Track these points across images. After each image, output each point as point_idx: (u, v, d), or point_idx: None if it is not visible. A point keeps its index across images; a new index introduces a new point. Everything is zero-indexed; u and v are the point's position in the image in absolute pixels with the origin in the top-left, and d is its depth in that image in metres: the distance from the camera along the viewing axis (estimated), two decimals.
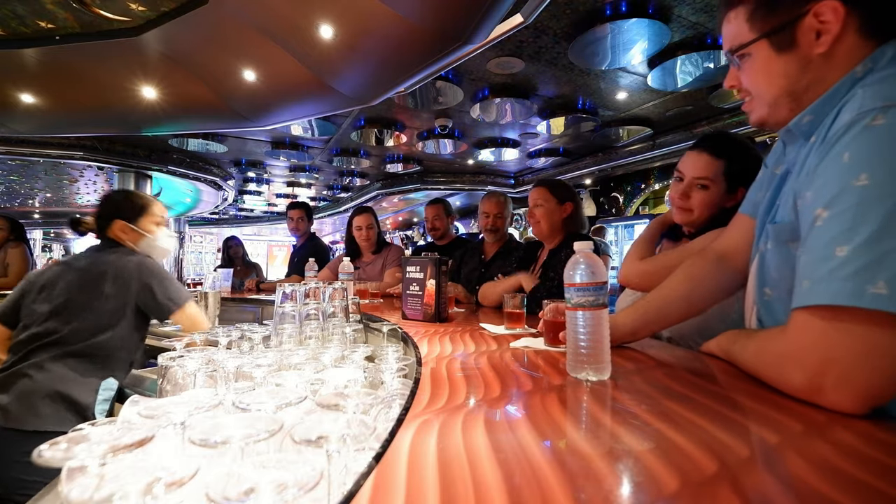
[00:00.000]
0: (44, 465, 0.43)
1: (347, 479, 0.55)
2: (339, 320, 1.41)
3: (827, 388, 0.57)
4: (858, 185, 0.56)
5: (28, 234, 3.55)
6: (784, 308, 0.66)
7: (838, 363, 0.56)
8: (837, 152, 0.60)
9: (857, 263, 0.54)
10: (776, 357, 0.67)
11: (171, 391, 0.88)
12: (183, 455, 0.57)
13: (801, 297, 0.60)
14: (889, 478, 0.42)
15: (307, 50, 2.91)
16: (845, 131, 0.60)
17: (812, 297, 0.58)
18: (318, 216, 11.97)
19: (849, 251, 0.55)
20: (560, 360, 0.93)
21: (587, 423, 0.58)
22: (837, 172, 0.59)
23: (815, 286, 0.58)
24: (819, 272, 0.58)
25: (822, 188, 0.61)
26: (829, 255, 0.56)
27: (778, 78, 0.75)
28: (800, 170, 0.73)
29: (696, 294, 0.99)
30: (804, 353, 0.60)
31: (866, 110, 0.59)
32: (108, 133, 5.35)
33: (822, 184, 0.61)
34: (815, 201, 0.61)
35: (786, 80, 0.74)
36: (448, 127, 5.26)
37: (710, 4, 3.04)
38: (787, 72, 0.74)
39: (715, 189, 1.26)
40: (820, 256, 0.58)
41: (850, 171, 0.57)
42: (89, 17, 2.71)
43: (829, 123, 0.66)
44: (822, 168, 0.62)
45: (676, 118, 5.26)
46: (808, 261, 0.60)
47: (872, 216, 0.54)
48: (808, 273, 0.60)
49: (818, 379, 0.58)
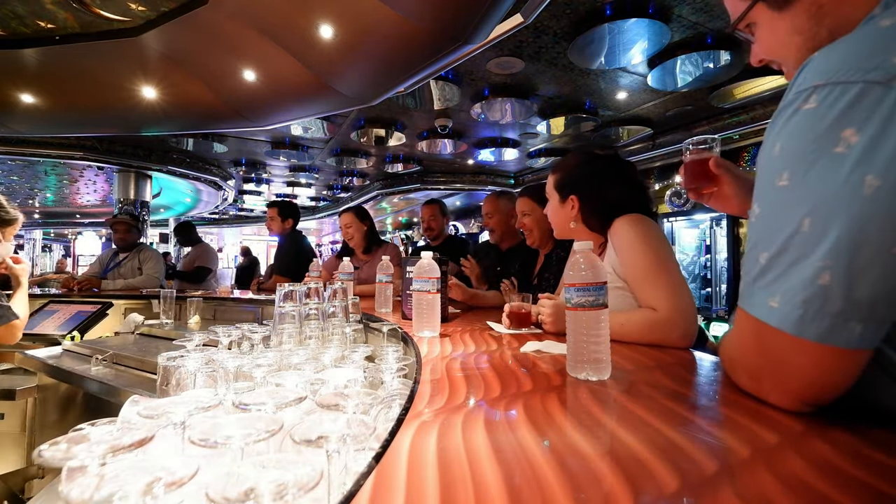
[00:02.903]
0: (44, 464, 0.43)
1: (347, 479, 0.55)
2: (339, 320, 1.41)
3: (765, 390, 0.60)
4: (780, 186, 0.52)
5: (28, 234, 3.53)
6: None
7: (764, 370, 0.59)
8: (771, 141, 0.55)
9: (770, 274, 0.53)
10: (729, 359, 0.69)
11: (170, 391, 0.88)
12: (183, 455, 0.57)
13: (740, 297, 0.60)
14: (889, 478, 0.42)
15: (307, 50, 2.91)
16: (780, 113, 0.54)
17: (741, 299, 0.58)
18: (318, 216, 11.98)
19: (767, 259, 0.53)
20: (560, 360, 0.93)
21: (587, 423, 0.58)
22: (768, 167, 0.55)
23: (743, 290, 0.58)
24: (747, 276, 0.57)
25: (759, 181, 0.57)
26: (754, 260, 0.55)
27: (791, 37, 0.66)
28: None
29: None
30: (742, 358, 0.63)
31: (802, 90, 0.51)
32: (108, 133, 5.35)
33: (759, 176, 0.57)
34: (756, 194, 0.58)
35: (800, 37, 0.65)
36: (448, 127, 5.26)
37: (710, 4, 3.04)
38: (798, 27, 0.64)
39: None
40: (749, 259, 0.57)
41: (775, 168, 0.53)
42: (89, 17, 2.71)
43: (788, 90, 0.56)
44: (760, 158, 0.58)
45: (676, 118, 5.26)
46: (745, 261, 0.59)
47: (786, 223, 0.51)
48: (743, 274, 0.59)
49: (756, 382, 0.61)
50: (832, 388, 0.53)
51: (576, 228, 1.34)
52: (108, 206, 9.43)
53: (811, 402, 0.55)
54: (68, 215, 11.99)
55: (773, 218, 0.53)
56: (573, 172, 1.35)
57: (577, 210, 1.32)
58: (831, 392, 0.53)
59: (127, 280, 3.58)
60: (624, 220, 1.22)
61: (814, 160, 0.49)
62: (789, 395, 0.56)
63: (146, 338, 2.36)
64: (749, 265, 0.57)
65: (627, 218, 1.22)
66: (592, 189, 1.30)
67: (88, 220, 12.73)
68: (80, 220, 12.67)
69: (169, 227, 10.68)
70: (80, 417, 1.67)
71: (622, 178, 1.31)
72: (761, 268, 0.54)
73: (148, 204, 6.72)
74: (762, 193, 0.56)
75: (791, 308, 0.50)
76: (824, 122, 0.48)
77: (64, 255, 16.32)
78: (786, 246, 0.51)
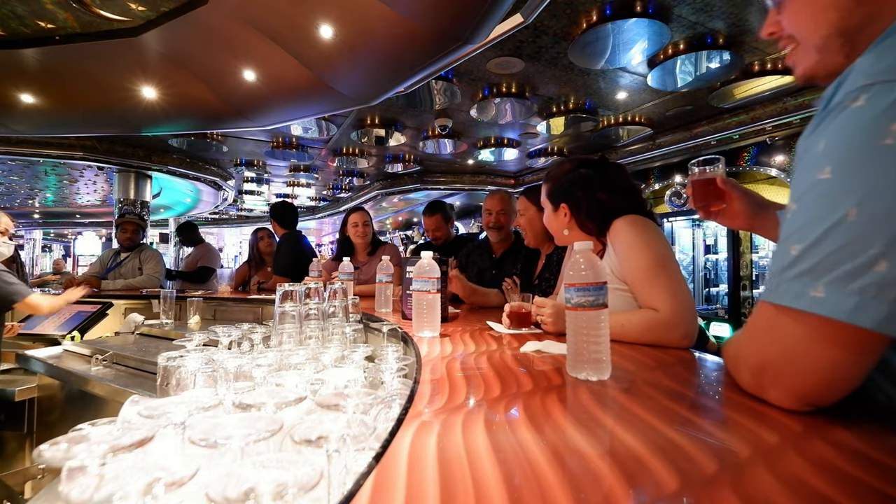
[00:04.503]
0: (44, 464, 0.43)
1: (347, 479, 0.55)
2: (339, 320, 1.41)
3: (766, 386, 0.59)
4: (821, 179, 0.51)
5: (28, 233, 3.53)
6: None
7: (773, 364, 0.57)
8: (814, 140, 0.54)
9: (804, 265, 0.52)
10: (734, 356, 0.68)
11: (170, 391, 0.88)
12: (183, 455, 0.57)
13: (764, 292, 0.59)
14: (889, 478, 0.42)
15: (307, 50, 2.91)
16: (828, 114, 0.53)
17: (766, 293, 0.58)
18: (318, 216, 11.98)
19: (800, 250, 0.52)
20: (560, 360, 0.93)
21: (587, 423, 0.58)
22: (810, 163, 0.54)
23: (770, 283, 0.57)
24: (774, 269, 0.56)
25: (796, 179, 0.57)
26: (784, 253, 0.54)
27: (826, 11, 0.61)
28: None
29: None
30: (749, 352, 0.62)
31: (851, 90, 0.50)
32: (108, 133, 5.35)
33: (798, 174, 0.57)
34: (792, 192, 0.57)
35: (836, 13, 0.60)
36: (448, 127, 5.26)
37: (710, 4, 3.04)
38: (838, 2, 0.59)
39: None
40: (779, 252, 0.56)
41: (818, 163, 0.52)
42: (89, 17, 2.71)
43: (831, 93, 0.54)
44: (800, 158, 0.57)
45: (676, 118, 5.26)
46: (774, 255, 0.58)
47: (826, 214, 0.50)
48: (770, 268, 0.59)
49: (758, 377, 0.60)
50: (841, 385, 0.53)
51: (570, 235, 1.36)
52: (108, 207, 9.41)
53: (813, 401, 0.55)
54: (68, 215, 11.99)
55: (810, 210, 0.52)
56: (561, 181, 1.38)
57: (569, 217, 1.35)
58: (837, 390, 0.53)
59: (127, 280, 3.58)
60: (623, 221, 1.22)
61: (861, 152, 0.48)
62: (792, 393, 0.56)
63: (146, 338, 2.36)
64: (778, 259, 0.56)
65: (627, 219, 1.22)
66: (581, 195, 1.31)
67: (88, 221, 12.72)
68: (80, 220, 12.66)
69: (169, 227, 10.67)
70: (80, 417, 1.67)
71: (610, 182, 1.32)
72: (792, 259, 0.53)
73: (148, 204, 6.72)
74: (800, 188, 0.55)
75: (843, 296, 0.48)
76: (872, 117, 0.48)
77: (64, 255, 16.31)
78: (825, 236, 0.50)
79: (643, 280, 1.15)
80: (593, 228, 1.31)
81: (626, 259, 1.18)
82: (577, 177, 1.34)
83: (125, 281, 3.57)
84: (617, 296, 1.18)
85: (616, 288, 1.19)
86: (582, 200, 1.31)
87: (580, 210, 1.32)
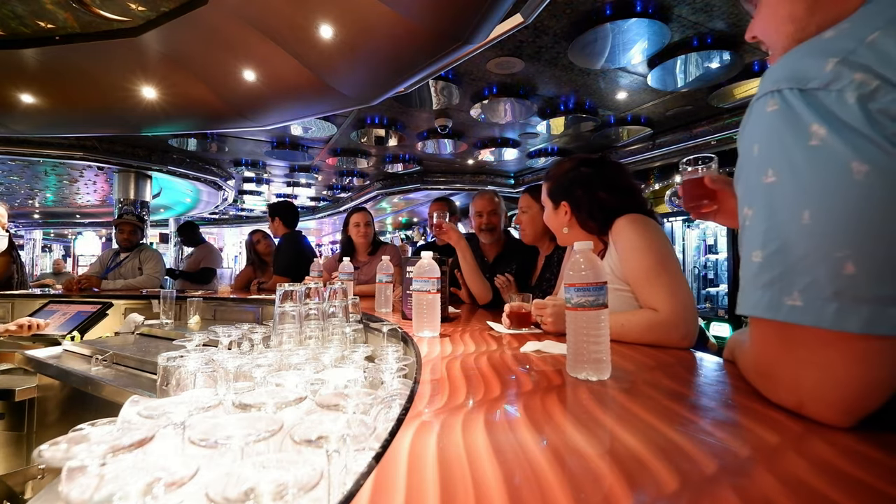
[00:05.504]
0: (44, 464, 0.43)
1: (347, 479, 0.55)
2: (339, 320, 1.41)
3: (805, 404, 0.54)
4: (768, 183, 0.52)
5: (28, 234, 3.54)
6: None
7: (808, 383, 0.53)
8: (748, 144, 0.55)
9: (772, 272, 0.51)
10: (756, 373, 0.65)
11: (170, 391, 0.88)
12: (183, 455, 0.57)
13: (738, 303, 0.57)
14: (889, 478, 0.42)
15: (307, 50, 2.91)
16: (750, 113, 0.56)
17: (741, 305, 0.56)
18: (318, 216, 11.97)
19: (763, 257, 0.51)
20: (560, 360, 0.93)
21: (587, 423, 0.58)
22: (752, 167, 0.55)
23: (742, 294, 0.56)
24: (744, 278, 0.55)
25: (743, 181, 0.57)
26: (748, 260, 0.54)
27: (784, 23, 0.64)
28: None
29: None
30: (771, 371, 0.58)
31: (763, 93, 0.53)
32: (108, 133, 5.35)
33: (742, 179, 0.57)
34: (742, 198, 0.57)
35: (793, 25, 0.63)
36: (448, 127, 5.26)
37: (710, 4, 3.04)
38: (794, 14, 0.63)
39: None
40: (745, 261, 0.55)
41: (759, 167, 0.53)
42: (89, 17, 2.71)
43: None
44: (740, 160, 0.58)
45: (676, 118, 5.26)
46: (741, 264, 0.57)
47: (782, 217, 0.50)
48: (741, 277, 0.57)
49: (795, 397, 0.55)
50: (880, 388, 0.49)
51: (570, 234, 1.36)
52: (108, 207, 9.42)
53: (858, 411, 0.50)
54: (68, 215, 11.99)
55: (764, 215, 0.52)
56: (561, 180, 1.38)
57: (569, 216, 1.35)
58: (879, 393, 0.49)
59: (127, 280, 3.58)
60: (625, 219, 1.22)
61: (793, 154, 0.50)
62: (835, 407, 0.51)
63: (146, 338, 2.35)
64: (744, 267, 0.55)
65: (629, 218, 1.22)
66: (581, 194, 1.32)
67: (88, 221, 12.72)
68: (80, 220, 12.67)
69: (169, 227, 10.67)
70: (80, 417, 1.67)
71: (610, 181, 1.32)
72: (758, 267, 0.52)
73: (148, 204, 6.72)
74: (750, 193, 0.55)
75: (822, 303, 0.47)
76: (792, 121, 0.50)
77: (64, 255, 16.31)
78: (785, 242, 0.49)
79: (644, 280, 1.15)
80: (594, 227, 1.31)
81: (628, 258, 1.18)
82: (577, 175, 1.34)
83: (125, 281, 3.56)
84: (617, 296, 1.18)
85: (616, 288, 1.19)
86: (582, 199, 1.31)
87: (581, 209, 1.32)
